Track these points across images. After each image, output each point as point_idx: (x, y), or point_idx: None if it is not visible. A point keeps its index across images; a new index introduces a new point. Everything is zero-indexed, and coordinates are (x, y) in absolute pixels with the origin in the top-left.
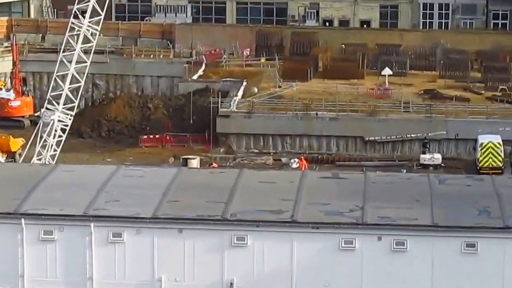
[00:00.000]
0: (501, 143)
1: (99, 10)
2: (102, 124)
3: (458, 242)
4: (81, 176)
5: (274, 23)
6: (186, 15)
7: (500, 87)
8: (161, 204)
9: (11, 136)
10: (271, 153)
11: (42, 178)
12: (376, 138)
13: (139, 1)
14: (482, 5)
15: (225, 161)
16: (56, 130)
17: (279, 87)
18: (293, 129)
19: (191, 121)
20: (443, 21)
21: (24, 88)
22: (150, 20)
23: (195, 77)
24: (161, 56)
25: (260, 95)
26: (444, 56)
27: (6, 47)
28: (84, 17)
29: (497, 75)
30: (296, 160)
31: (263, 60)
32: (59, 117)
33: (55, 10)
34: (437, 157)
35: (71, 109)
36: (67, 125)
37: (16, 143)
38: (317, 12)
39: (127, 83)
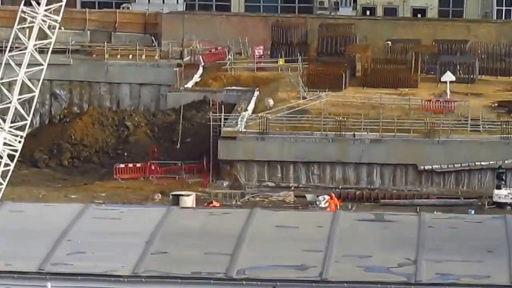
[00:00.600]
0: None
1: None
2: (64, 148)
3: None
4: (35, 218)
5: (296, 12)
6: (177, 1)
7: None
8: (144, 257)
9: None
10: (292, 188)
11: None
12: (434, 167)
13: None
14: None
15: (230, 198)
16: (1, 157)
17: (303, 98)
18: (322, 155)
19: (184, 145)
20: None
21: None
22: (128, 8)
23: (189, 84)
24: (144, 57)
25: (277, 110)
26: None
27: None
28: (39, 3)
29: None
30: (326, 197)
31: (281, 62)
32: (5, 139)
33: None
34: None
35: (22, 128)
36: (16, 150)
37: None
38: None
39: (97, 93)
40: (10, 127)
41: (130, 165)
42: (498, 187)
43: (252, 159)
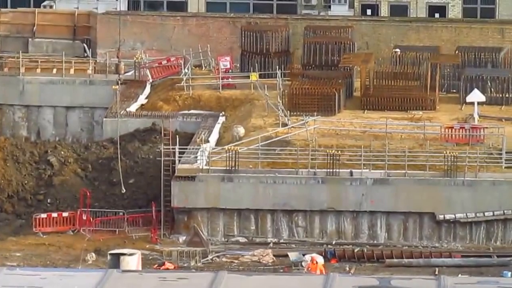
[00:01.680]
0: None
1: None
2: None
3: None
4: None
5: (275, 11)
6: None
7: None
8: None
9: None
10: (271, 244)
11: None
12: (458, 216)
13: None
14: None
15: (188, 258)
16: None
17: (284, 125)
18: (310, 200)
19: (126, 188)
20: None
21: None
22: (51, 7)
23: (132, 108)
24: (72, 71)
25: (249, 140)
26: None
27: None
28: None
29: None
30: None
31: (254, 77)
32: None
33: None
34: None
35: None
36: None
37: None
38: None
39: (10, 119)
40: None
41: (55, 214)
42: None
43: (217, 206)
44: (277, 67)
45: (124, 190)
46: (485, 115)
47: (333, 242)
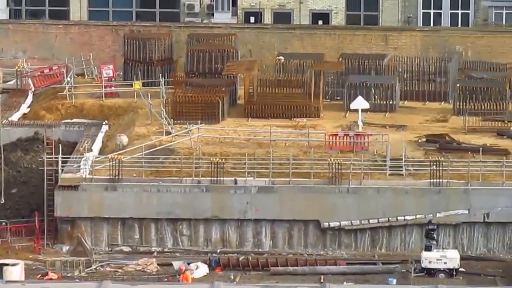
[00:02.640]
0: None
1: None
2: None
3: None
4: None
5: (157, 19)
6: None
7: None
8: None
9: None
10: (155, 253)
11: None
12: (343, 223)
13: None
14: None
15: (71, 268)
16: None
17: (168, 134)
18: (194, 209)
19: (8, 198)
20: (460, 11)
21: None
22: None
23: (14, 117)
24: None
25: (133, 149)
26: (462, 75)
27: None
28: None
29: None
30: (199, 264)
31: (137, 85)
32: None
33: None
34: (452, 256)
35: None
36: None
37: None
38: None
39: None
40: None
41: None
42: (428, 249)
43: (100, 215)
44: (160, 75)
45: (3, 201)
46: (369, 122)
47: (218, 251)
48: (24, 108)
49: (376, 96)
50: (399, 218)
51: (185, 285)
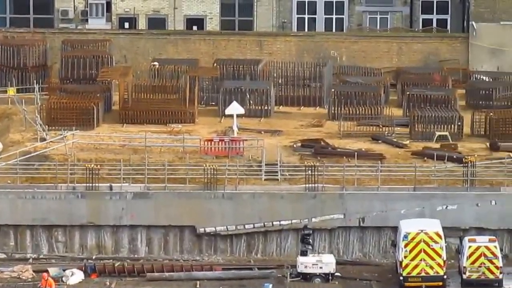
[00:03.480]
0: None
1: None
2: None
3: None
4: None
5: (31, 25)
6: None
7: (438, 133)
8: None
9: None
10: (30, 260)
11: None
12: (219, 229)
13: None
14: None
15: None
16: None
17: (43, 140)
18: (69, 215)
19: None
20: (334, 16)
21: None
22: None
23: None
24: None
25: (7, 156)
26: (337, 80)
27: None
28: None
29: (432, 113)
30: (75, 271)
31: (11, 91)
32: None
33: None
34: (328, 261)
35: None
36: None
37: None
38: (108, 4)
39: None
40: None
41: None
42: (303, 254)
43: None
44: (35, 81)
45: None
46: (244, 127)
47: (94, 257)
48: None
49: (251, 102)
50: (274, 223)
51: None
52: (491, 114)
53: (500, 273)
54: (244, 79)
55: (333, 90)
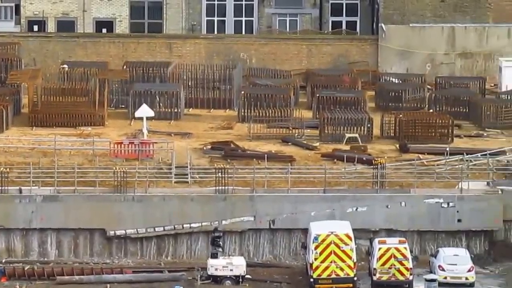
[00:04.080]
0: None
1: None
2: None
3: None
4: None
5: None
6: None
7: (348, 135)
8: None
9: None
10: None
11: None
12: (129, 231)
13: None
14: None
15: None
16: None
17: None
18: None
19: None
20: (244, 19)
21: None
22: None
23: None
24: None
25: None
26: (246, 83)
27: None
28: None
29: (341, 115)
30: None
31: None
32: None
33: None
34: (238, 263)
35: None
36: None
37: None
38: (17, 7)
39: None
40: None
41: None
42: (214, 256)
43: None
44: None
45: None
46: (154, 130)
47: (3, 260)
48: None
49: (161, 104)
50: (185, 225)
51: None
52: (401, 115)
53: (410, 274)
54: (153, 81)
55: (242, 92)
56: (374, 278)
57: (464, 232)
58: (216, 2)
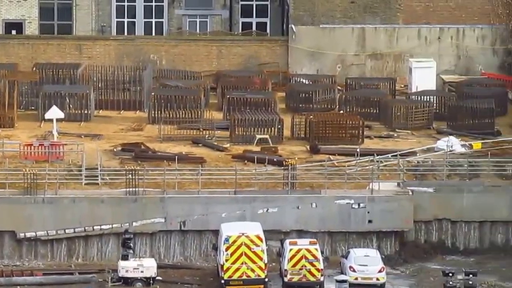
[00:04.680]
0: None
1: None
2: None
3: None
4: None
5: None
6: None
7: (258, 136)
8: None
9: None
10: None
11: None
12: (39, 233)
13: None
14: None
15: None
16: None
17: None
18: None
19: None
20: (154, 20)
21: None
22: None
23: None
24: None
25: None
26: (157, 84)
27: None
28: None
29: (252, 116)
30: None
31: None
32: None
33: None
34: (149, 265)
35: None
36: None
37: None
38: None
39: None
40: None
41: None
42: (125, 258)
43: None
44: None
45: None
46: (64, 131)
47: None
48: None
49: (71, 106)
50: (95, 227)
51: None
52: (311, 117)
53: (321, 275)
54: (63, 83)
55: (153, 93)
56: (285, 279)
57: (375, 233)
58: (126, 4)
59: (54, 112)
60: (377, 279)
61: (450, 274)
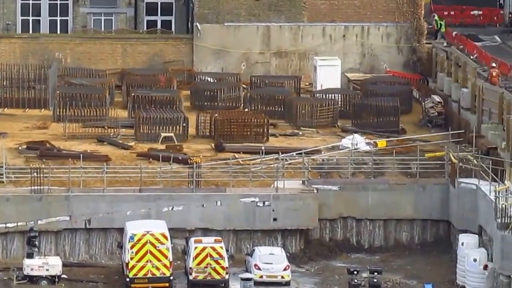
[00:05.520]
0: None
1: None
2: None
3: None
4: None
5: None
6: None
7: (163, 134)
8: None
9: None
10: None
11: None
12: None
13: None
14: None
15: None
16: None
17: None
18: None
19: None
20: (59, 18)
21: None
22: None
23: None
24: None
25: None
26: (62, 82)
27: None
28: None
29: (157, 114)
30: None
31: None
32: None
33: None
34: (54, 263)
35: None
36: None
37: None
38: None
39: None
40: None
41: None
42: (29, 256)
43: None
44: None
45: None
46: None
47: None
48: None
49: None
50: (0, 225)
51: None
52: (216, 115)
53: (226, 273)
54: None
55: (58, 92)
56: (190, 277)
57: (280, 231)
58: (30, 2)
59: None
60: (282, 277)
61: (355, 272)
